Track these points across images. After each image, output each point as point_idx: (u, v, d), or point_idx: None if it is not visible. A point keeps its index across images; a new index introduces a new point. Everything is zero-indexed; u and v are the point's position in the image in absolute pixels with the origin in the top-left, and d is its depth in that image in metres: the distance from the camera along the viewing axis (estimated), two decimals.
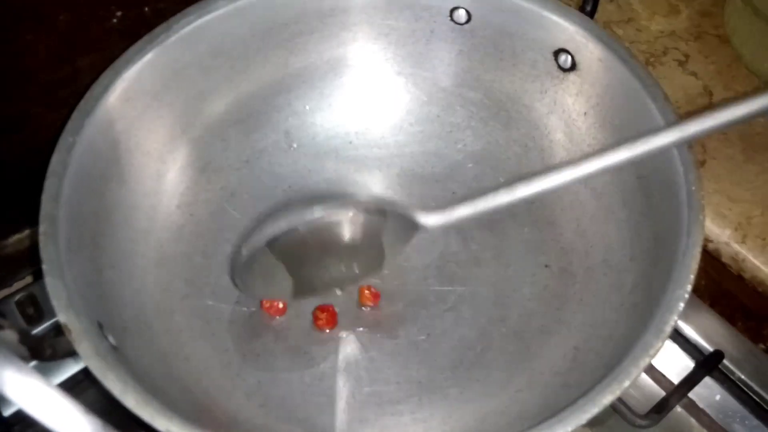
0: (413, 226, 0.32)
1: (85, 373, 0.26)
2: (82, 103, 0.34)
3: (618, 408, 0.37)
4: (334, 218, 0.31)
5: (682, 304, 0.28)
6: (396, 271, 0.41)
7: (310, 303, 0.39)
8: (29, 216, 0.45)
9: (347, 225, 0.32)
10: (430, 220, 0.32)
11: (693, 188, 0.31)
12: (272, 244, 0.31)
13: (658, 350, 0.27)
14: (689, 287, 0.28)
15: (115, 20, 0.41)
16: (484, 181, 0.44)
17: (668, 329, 0.27)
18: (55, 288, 0.28)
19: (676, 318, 0.28)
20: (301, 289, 0.35)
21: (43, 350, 0.25)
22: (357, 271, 0.35)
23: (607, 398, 0.26)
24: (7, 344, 0.22)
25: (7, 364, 0.19)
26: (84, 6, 0.39)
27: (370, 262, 0.35)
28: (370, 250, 0.34)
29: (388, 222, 0.32)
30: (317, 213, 0.31)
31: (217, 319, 0.38)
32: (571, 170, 0.29)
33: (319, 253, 0.33)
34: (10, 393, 0.19)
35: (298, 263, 0.33)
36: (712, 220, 0.45)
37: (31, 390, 0.19)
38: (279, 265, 0.32)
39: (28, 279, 0.47)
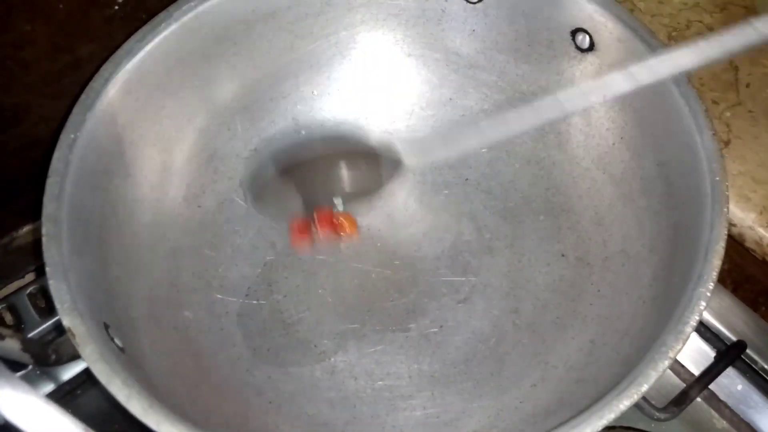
0: (400, 164, 0.36)
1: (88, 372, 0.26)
2: (82, 97, 0.33)
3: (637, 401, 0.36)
4: (332, 151, 0.38)
5: (704, 303, 0.27)
6: (407, 260, 0.40)
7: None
8: (38, 207, 0.45)
9: (344, 158, 0.37)
10: (411, 159, 0.36)
11: (717, 179, 0.30)
12: (281, 171, 0.37)
13: (678, 352, 0.26)
14: (711, 285, 0.27)
15: (116, 7, 0.40)
16: (498, 167, 0.43)
17: (689, 330, 0.26)
18: (58, 291, 0.27)
19: (698, 318, 0.26)
20: (308, 206, 0.39)
21: (47, 356, 0.25)
22: (357, 197, 0.39)
23: (624, 403, 0.25)
24: (9, 356, 0.22)
25: (4, 385, 0.18)
26: None
27: (368, 191, 0.38)
28: (365, 177, 0.38)
29: (380, 159, 0.37)
30: (318, 148, 0.38)
31: (226, 313, 0.38)
32: (554, 105, 0.29)
33: (323, 178, 0.38)
34: (7, 413, 0.18)
35: (305, 186, 0.37)
36: (736, 203, 0.43)
37: (19, 402, 0.18)
38: (290, 188, 0.37)
39: (41, 270, 0.47)
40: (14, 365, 0.25)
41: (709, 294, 0.27)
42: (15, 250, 0.46)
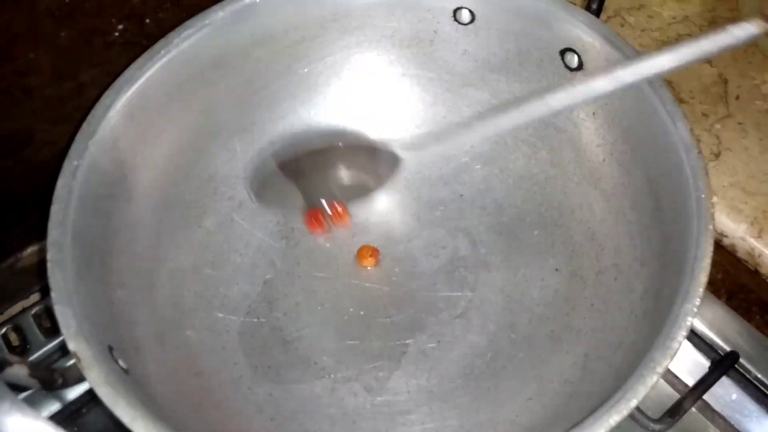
0: (396, 159, 0.39)
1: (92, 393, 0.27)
2: (84, 125, 0.34)
3: (631, 413, 0.36)
4: (331, 146, 0.40)
5: (690, 320, 0.27)
6: (404, 277, 0.41)
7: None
8: (43, 228, 0.46)
9: (343, 153, 0.40)
10: (406, 154, 0.39)
11: (702, 196, 0.30)
12: (282, 166, 0.39)
13: (665, 367, 0.27)
14: (698, 301, 0.28)
15: (116, 33, 0.41)
16: (492, 183, 0.44)
17: (676, 345, 0.27)
18: (64, 316, 0.28)
19: (684, 333, 0.27)
20: (311, 203, 0.41)
21: (54, 380, 0.26)
22: (355, 192, 0.41)
23: (614, 418, 0.26)
24: (17, 381, 0.22)
25: (13, 411, 0.19)
26: (84, 21, 0.39)
27: (363, 185, 0.41)
28: (363, 174, 0.40)
29: (377, 154, 0.39)
30: (315, 143, 0.40)
31: (227, 332, 0.38)
32: (539, 103, 0.32)
33: (322, 174, 0.40)
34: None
35: (305, 181, 0.40)
36: (728, 214, 0.44)
37: (26, 427, 0.19)
38: (290, 183, 0.40)
39: (45, 291, 0.47)
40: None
41: (695, 310, 0.28)
42: (20, 271, 0.47)
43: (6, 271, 0.47)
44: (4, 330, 0.43)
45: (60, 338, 0.43)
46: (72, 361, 0.28)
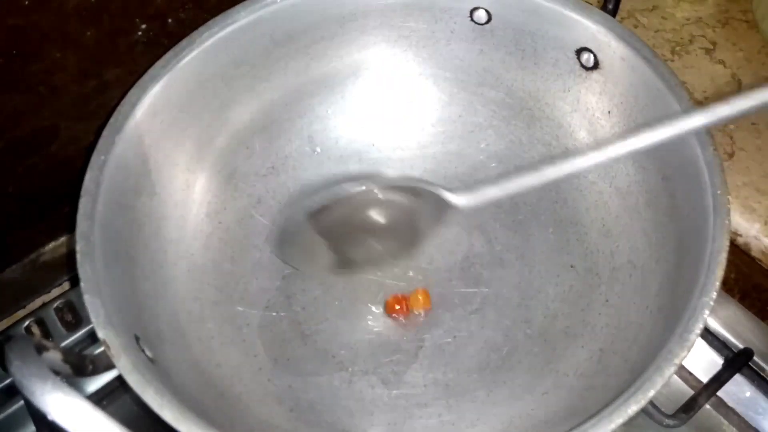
0: (445, 206, 0.33)
1: (120, 380, 0.28)
2: (111, 120, 0.35)
3: (646, 408, 0.36)
4: (368, 196, 0.33)
5: (707, 312, 0.28)
6: (420, 273, 0.42)
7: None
8: (65, 223, 0.47)
9: (382, 204, 0.34)
10: (461, 200, 0.33)
11: (718, 192, 0.31)
12: (312, 218, 0.34)
13: (683, 359, 0.27)
14: (714, 295, 0.28)
15: (139, 33, 0.42)
16: None
17: (693, 338, 0.27)
18: (93, 305, 0.29)
19: (701, 326, 0.28)
20: (341, 264, 0.37)
21: (85, 367, 0.27)
22: (394, 249, 0.37)
23: (632, 408, 0.26)
24: (52, 366, 0.23)
25: (55, 390, 0.20)
26: (109, 21, 0.40)
27: (407, 241, 0.37)
28: (406, 229, 0.35)
29: (422, 202, 0.33)
30: (351, 189, 0.33)
31: (247, 325, 0.39)
32: (594, 154, 0.30)
33: (357, 230, 0.35)
34: (59, 418, 0.20)
35: (337, 239, 0.35)
36: (741, 213, 0.44)
37: (79, 416, 0.20)
38: (320, 240, 0.35)
39: (66, 285, 0.48)
40: None
41: (712, 303, 0.28)
42: (42, 265, 0.48)
43: (28, 266, 0.48)
44: (27, 323, 0.44)
45: (81, 332, 0.44)
46: (99, 350, 0.28)
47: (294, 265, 0.39)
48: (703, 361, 0.41)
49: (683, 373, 0.41)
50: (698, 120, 0.28)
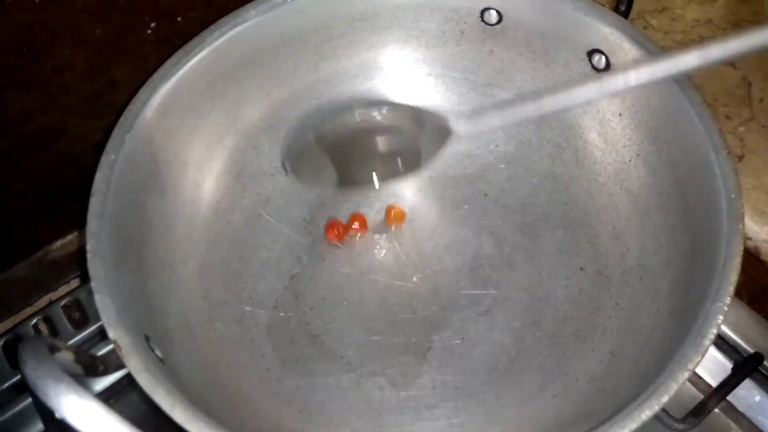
0: (447, 132, 0.35)
1: (128, 379, 0.27)
2: (121, 119, 0.35)
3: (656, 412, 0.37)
4: (373, 119, 0.36)
5: (721, 317, 0.28)
6: (429, 274, 0.42)
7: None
8: (73, 221, 0.47)
9: (386, 127, 0.36)
10: (461, 126, 0.34)
11: (732, 196, 0.31)
12: (320, 139, 0.36)
13: (697, 364, 0.27)
14: (728, 299, 0.28)
15: (149, 31, 0.42)
16: (516, 182, 0.44)
17: (707, 343, 0.27)
18: (104, 305, 0.29)
19: (715, 331, 0.27)
20: (346, 180, 0.38)
21: (96, 367, 0.26)
22: (397, 168, 0.38)
23: (645, 413, 0.26)
24: (64, 366, 0.23)
25: (69, 391, 0.20)
26: (119, 19, 0.40)
27: (409, 162, 0.37)
28: (408, 150, 0.37)
29: (425, 127, 0.36)
30: (358, 115, 0.36)
31: (255, 325, 0.39)
32: (594, 85, 0.31)
33: (362, 149, 0.37)
34: (72, 419, 0.20)
35: (343, 157, 0.37)
36: (751, 217, 0.44)
37: (93, 417, 0.20)
38: (326, 158, 0.37)
39: (74, 283, 0.48)
40: None
41: (726, 308, 0.28)
42: (49, 263, 0.48)
43: (36, 263, 0.47)
44: (35, 321, 0.44)
45: (89, 329, 0.44)
46: (108, 348, 0.28)
47: (303, 181, 0.40)
48: (713, 365, 0.41)
49: (693, 377, 0.41)
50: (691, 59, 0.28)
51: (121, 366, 0.28)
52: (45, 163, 0.43)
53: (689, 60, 0.29)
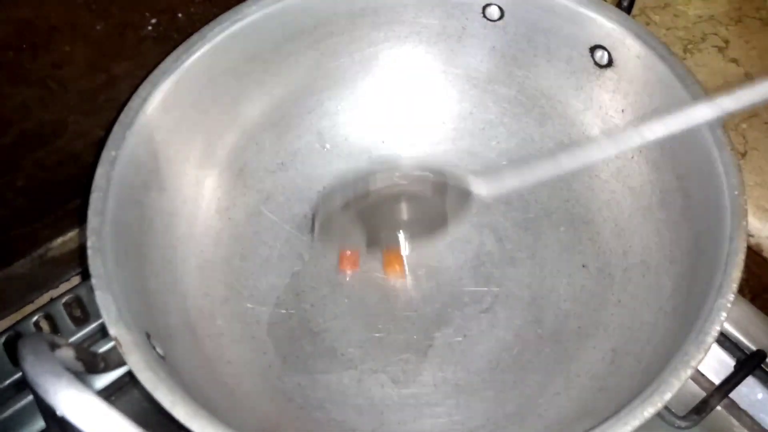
0: (469, 195, 0.36)
1: (129, 375, 0.27)
2: (122, 116, 0.35)
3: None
4: (396, 187, 0.37)
5: (725, 314, 0.28)
6: (430, 271, 0.41)
7: None
8: (73, 218, 0.47)
9: (410, 194, 0.37)
10: (482, 190, 0.36)
11: (736, 193, 0.31)
12: (345, 208, 0.37)
13: (699, 361, 0.27)
14: (732, 296, 0.28)
15: (149, 27, 0.41)
16: None
17: (710, 340, 0.27)
18: (105, 302, 0.29)
19: (718, 328, 0.27)
20: (374, 244, 0.40)
21: (97, 364, 0.26)
22: (424, 231, 0.40)
23: (648, 411, 0.26)
24: (64, 363, 0.23)
25: (70, 388, 0.20)
26: (119, 15, 0.40)
27: (435, 225, 0.39)
28: (433, 214, 0.38)
29: (447, 192, 0.37)
30: (380, 184, 0.37)
31: (256, 322, 0.39)
32: (611, 144, 0.31)
33: (389, 215, 0.38)
34: (73, 417, 0.19)
35: (370, 224, 0.38)
36: (753, 213, 0.44)
37: (94, 414, 0.19)
38: (353, 224, 0.38)
39: (74, 280, 0.48)
40: None
41: (729, 305, 0.28)
42: (50, 260, 0.48)
43: (36, 261, 0.47)
44: (35, 318, 0.44)
45: (89, 327, 0.44)
46: (108, 345, 0.28)
47: (332, 247, 0.41)
48: (715, 363, 0.41)
49: (695, 374, 0.40)
50: (711, 111, 0.28)
51: (122, 363, 0.28)
52: (45, 160, 0.43)
53: (705, 113, 0.29)
